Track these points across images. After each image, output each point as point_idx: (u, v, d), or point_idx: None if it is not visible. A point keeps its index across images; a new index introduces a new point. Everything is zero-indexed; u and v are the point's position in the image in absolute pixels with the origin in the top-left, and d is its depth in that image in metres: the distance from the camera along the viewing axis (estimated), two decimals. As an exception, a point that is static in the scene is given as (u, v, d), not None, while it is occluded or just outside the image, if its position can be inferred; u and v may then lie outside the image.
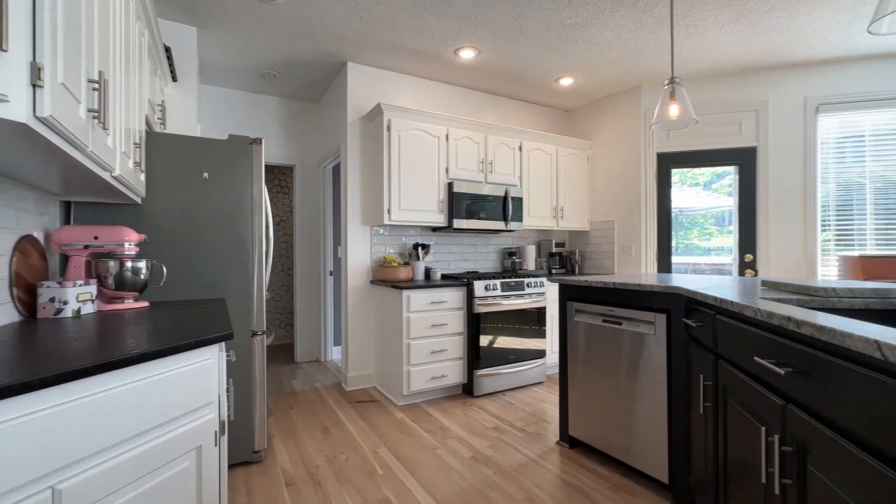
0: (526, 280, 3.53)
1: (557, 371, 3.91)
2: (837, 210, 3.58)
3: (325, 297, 4.34)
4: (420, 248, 3.58)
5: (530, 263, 4.17)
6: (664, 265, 3.92)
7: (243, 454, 2.25)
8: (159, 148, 2.10)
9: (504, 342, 3.39)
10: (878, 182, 3.51)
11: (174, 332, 1.25)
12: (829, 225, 3.59)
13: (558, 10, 2.76)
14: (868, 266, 3.22)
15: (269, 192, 5.20)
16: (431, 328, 3.14)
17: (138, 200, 1.91)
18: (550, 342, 3.75)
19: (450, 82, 3.99)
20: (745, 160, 3.73)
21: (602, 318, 2.22)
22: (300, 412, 3.00)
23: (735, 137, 3.74)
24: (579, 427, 2.36)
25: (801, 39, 3.16)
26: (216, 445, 1.26)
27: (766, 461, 1.05)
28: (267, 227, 2.47)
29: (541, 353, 3.60)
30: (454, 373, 3.25)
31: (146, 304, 1.84)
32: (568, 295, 2.43)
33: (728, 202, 3.94)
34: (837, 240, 3.57)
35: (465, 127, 3.67)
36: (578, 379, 2.37)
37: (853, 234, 3.53)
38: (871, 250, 3.50)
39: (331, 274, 4.36)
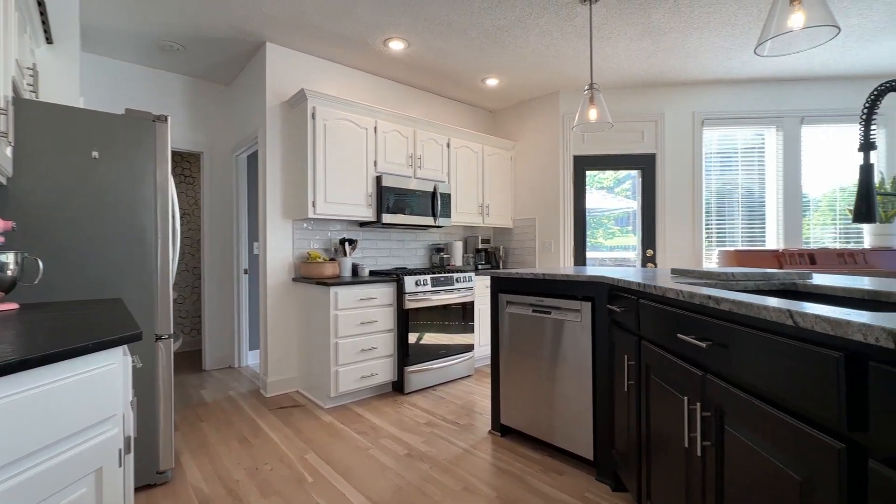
0: (455, 275, 3.57)
1: (486, 364, 4.01)
2: (717, 212, 4.15)
3: (238, 298, 3.98)
4: (347, 244, 3.44)
5: (458, 259, 4.23)
6: (580, 260, 4.22)
7: (146, 476, 1.96)
8: (35, 119, 1.75)
9: (434, 338, 3.40)
10: (744, 190, 4.13)
11: (59, 335, 1.04)
12: (712, 224, 4.14)
13: (489, 9, 2.83)
14: (741, 258, 3.77)
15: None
16: (360, 326, 3.03)
17: (2, 180, 1.57)
18: (478, 336, 3.84)
19: (378, 73, 3.89)
20: (646, 165, 4.15)
21: (532, 309, 2.31)
22: (213, 424, 2.71)
23: (638, 144, 4.15)
24: (511, 415, 2.43)
25: (692, 60, 3.60)
26: (120, 466, 1.07)
27: (688, 427, 1.16)
28: (174, 217, 2.18)
29: (469, 348, 3.66)
30: (384, 371, 3.17)
31: (15, 305, 1.51)
32: (499, 287, 2.50)
33: (629, 204, 4.36)
34: (717, 237, 4.14)
35: (395, 120, 3.60)
36: (510, 368, 2.44)
37: (726, 233, 4.12)
38: (741, 246, 4.11)
39: (245, 272, 4.02)
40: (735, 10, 2.85)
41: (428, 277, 3.37)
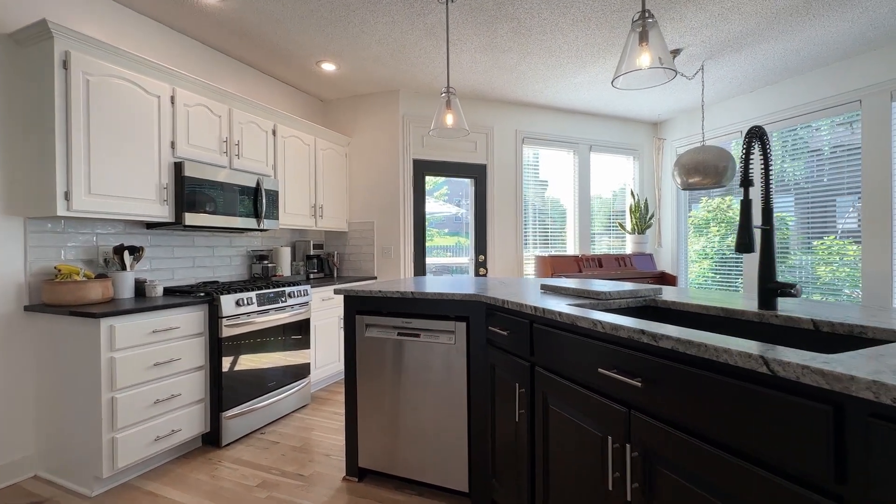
0: (287, 289, 2.98)
1: (326, 388, 3.51)
2: (533, 221, 4.67)
3: None
4: (127, 253, 2.47)
5: (285, 268, 3.60)
6: (420, 266, 4.14)
7: None
8: None
9: (259, 366, 2.75)
10: (550, 203, 4.79)
11: None
12: (528, 232, 4.63)
13: (336, -22, 2.40)
14: (554, 263, 4.31)
15: None
16: (154, 368, 2.19)
17: None
18: (314, 356, 3.32)
19: (179, 29, 2.95)
20: (478, 175, 4.35)
21: (397, 332, 2.03)
22: None
23: (472, 154, 4.32)
24: (371, 454, 2.10)
25: (520, 82, 3.90)
26: None
27: (612, 467, 1.09)
28: None
29: (304, 371, 3.13)
30: (192, 422, 2.39)
31: None
32: (356, 308, 2.13)
33: (450, 209, 4.52)
34: (533, 244, 4.66)
35: (202, 91, 2.77)
36: (369, 400, 2.10)
37: (538, 239, 4.68)
38: (552, 252, 4.73)
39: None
40: (560, 43, 3.17)
41: (253, 295, 2.71)
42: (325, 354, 3.46)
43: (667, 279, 4.61)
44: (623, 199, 5.13)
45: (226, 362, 2.52)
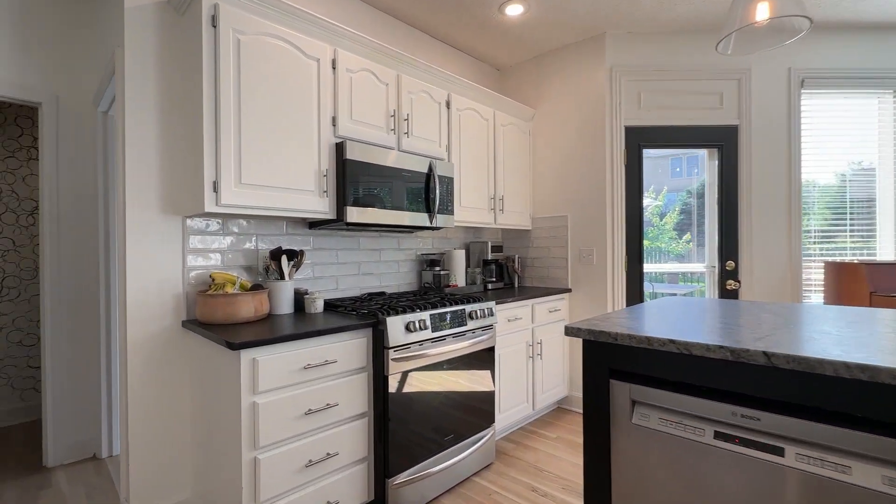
0: (467, 308, 2.19)
1: (508, 438, 2.65)
2: (818, 209, 3.00)
3: (108, 344, 2.43)
4: (285, 258, 1.99)
5: (460, 277, 2.86)
6: (635, 277, 2.95)
7: None
8: None
9: (433, 413, 2.01)
10: (849, 179, 3.00)
11: None
12: (811, 225, 2.98)
13: None
14: (874, 275, 2.61)
15: None
16: (305, 418, 1.60)
17: None
18: (499, 395, 2.49)
19: (338, -16, 2.46)
20: (724, 141, 2.94)
21: (718, 433, 0.97)
22: None
23: (715, 112, 2.93)
24: None
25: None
26: None
27: None
28: None
29: (487, 418, 2.30)
30: (352, 490, 1.75)
31: None
32: (609, 363, 1.15)
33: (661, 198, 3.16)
34: (818, 243, 2.99)
35: (367, 53, 2.19)
36: (636, 546, 1.10)
37: (827, 237, 2.97)
38: (849, 257, 2.98)
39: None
40: None
41: (426, 316, 1.98)
42: (511, 393, 2.59)
43: None
44: None
45: (391, 408, 1.83)
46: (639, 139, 2.94)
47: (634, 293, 2.93)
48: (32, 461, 2.42)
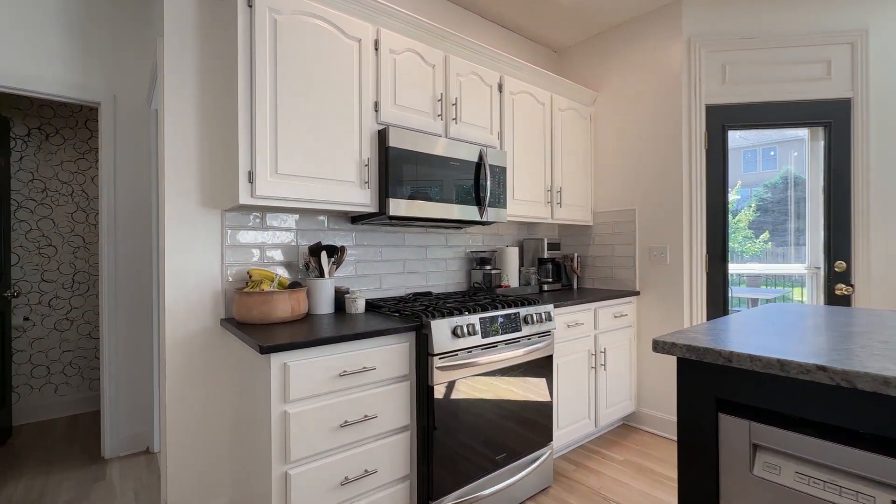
0: (522, 311, 1.95)
1: (566, 457, 2.38)
2: (955, 196, 2.43)
3: (159, 339, 2.45)
4: (325, 254, 1.86)
5: (512, 277, 2.61)
6: (717, 279, 2.55)
7: None
8: None
9: (483, 429, 1.79)
10: None
11: None
12: (938, 218, 2.42)
13: None
14: None
15: (40, 148, 3.17)
16: (341, 431, 1.44)
17: None
18: (557, 409, 2.22)
19: (382, -36, 2.31)
20: (832, 119, 2.46)
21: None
22: None
23: (821, 83, 2.46)
24: None
25: None
26: None
27: None
28: None
29: (545, 435, 2.04)
30: (391, 512, 1.58)
31: None
32: (718, 390, 0.87)
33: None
34: (958, 240, 2.42)
35: (412, 33, 2.01)
36: None
37: None
38: None
39: (172, 298, 2.47)
40: None
41: (475, 320, 1.76)
42: (571, 407, 2.31)
43: None
44: None
45: (436, 422, 1.63)
46: (723, 119, 2.54)
47: (717, 297, 2.53)
48: (94, 451, 2.50)
